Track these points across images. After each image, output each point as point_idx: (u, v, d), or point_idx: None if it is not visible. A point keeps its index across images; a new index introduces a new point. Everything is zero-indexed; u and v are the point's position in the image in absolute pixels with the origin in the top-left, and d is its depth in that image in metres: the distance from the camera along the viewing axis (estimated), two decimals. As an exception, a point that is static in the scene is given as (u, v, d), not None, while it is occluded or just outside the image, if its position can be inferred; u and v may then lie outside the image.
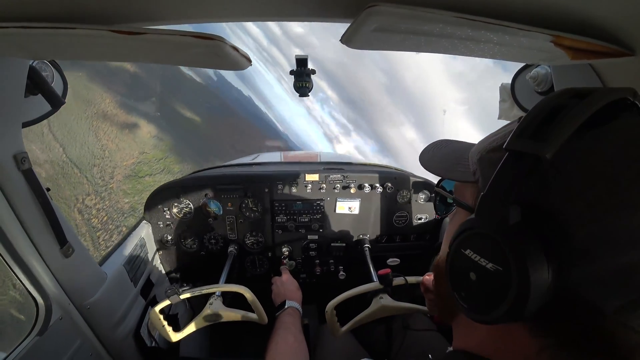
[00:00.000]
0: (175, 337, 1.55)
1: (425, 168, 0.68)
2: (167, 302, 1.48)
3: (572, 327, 0.42)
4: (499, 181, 0.45)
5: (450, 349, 0.63)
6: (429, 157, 0.71)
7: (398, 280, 1.49)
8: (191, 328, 1.54)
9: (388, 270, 1.49)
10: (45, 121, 1.23)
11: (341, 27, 0.73)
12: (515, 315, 0.42)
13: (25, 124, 1.17)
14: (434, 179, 2.21)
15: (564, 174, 0.41)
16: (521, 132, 0.44)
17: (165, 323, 1.53)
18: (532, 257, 0.40)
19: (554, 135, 0.41)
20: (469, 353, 0.54)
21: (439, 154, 0.70)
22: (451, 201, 0.70)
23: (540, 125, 0.43)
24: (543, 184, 0.42)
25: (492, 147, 0.53)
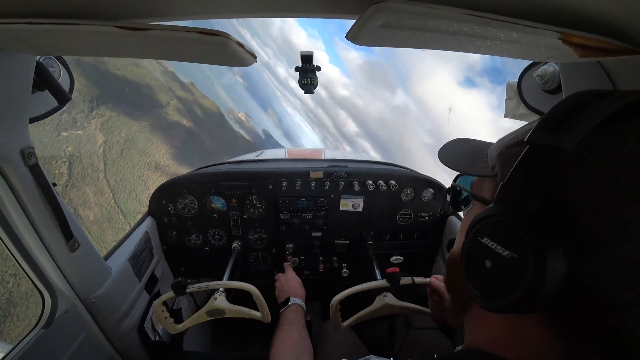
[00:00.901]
0: (176, 329, 1.56)
1: (444, 164, 0.70)
2: (171, 294, 1.49)
3: (584, 318, 0.43)
4: (519, 172, 0.46)
5: (459, 348, 0.63)
6: (448, 154, 0.73)
7: (405, 280, 1.49)
8: (193, 321, 1.55)
9: (396, 269, 1.49)
10: (101, 165, 1.25)
11: (348, 24, 0.73)
12: (529, 304, 0.43)
13: (32, 120, 1.17)
14: (438, 177, 2.21)
15: (583, 167, 0.42)
16: (543, 125, 0.45)
17: (167, 315, 1.55)
18: (549, 246, 0.41)
19: (574, 129, 0.42)
20: (479, 351, 0.55)
21: (458, 151, 0.72)
22: (465, 196, 0.73)
23: (562, 120, 0.44)
24: (562, 175, 0.43)
25: (512, 143, 0.55)
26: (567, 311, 0.44)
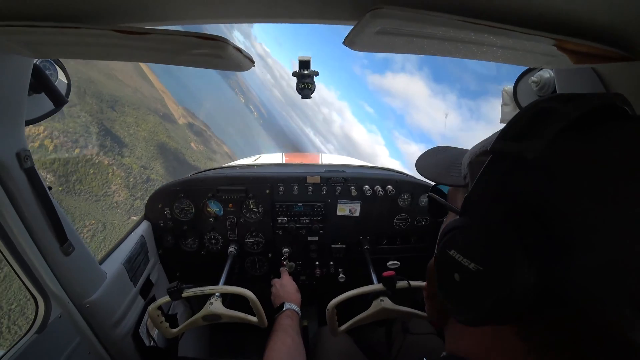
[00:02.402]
0: (172, 334, 1.55)
1: (420, 174, 0.69)
2: (167, 299, 1.48)
3: (559, 328, 0.42)
4: (482, 182, 0.46)
5: (444, 353, 0.63)
6: (425, 163, 0.72)
7: (401, 284, 1.48)
8: (189, 326, 1.53)
9: (392, 272, 1.49)
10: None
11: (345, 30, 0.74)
12: (499, 316, 0.42)
13: (29, 122, 1.17)
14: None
15: (546, 174, 0.41)
16: (504, 134, 0.45)
17: (163, 319, 1.53)
18: (514, 256, 0.40)
19: (537, 136, 0.41)
20: (459, 358, 0.55)
21: (434, 160, 0.71)
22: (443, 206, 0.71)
23: (524, 127, 0.44)
24: (525, 183, 0.43)
25: (480, 151, 0.54)
26: (541, 322, 0.43)
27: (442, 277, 0.50)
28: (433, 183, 0.78)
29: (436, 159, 0.71)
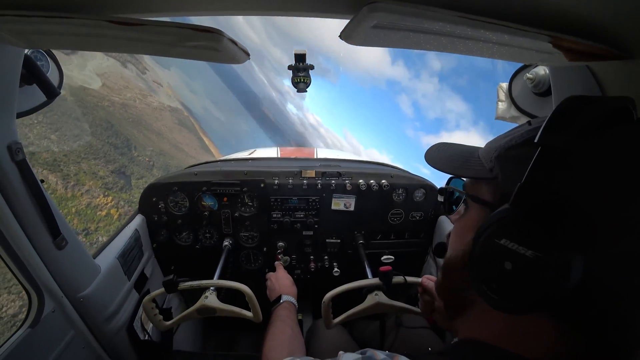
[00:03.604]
0: (166, 326, 1.55)
1: (435, 167, 0.70)
2: (161, 291, 1.48)
3: (592, 312, 0.45)
4: (535, 173, 0.47)
5: (456, 339, 0.63)
6: (437, 157, 0.73)
7: (397, 279, 1.50)
8: (183, 319, 1.53)
9: (389, 267, 1.50)
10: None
11: (341, 24, 0.74)
12: (550, 302, 0.44)
13: (20, 115, 1.15)
14: (430, 177, 2.23)
15: (591, 166, 0.45)
16: (549, 128, 0.47)
17: (157, 312, 1.53)
18: (570, 244, 0.42)
19: (580, 130, 0.45)
20: (481, 342, 0.55)
21: (446, 154, 0.72)
22: (456, 199, 0.74)
23: (569, 121, 0.46)
24: (574, 175, 0.45)
25: (511, 145, 0.56)
26: (576, 306, 0.45)
27: (487, 267, 0.50)
28: (439, 177, 0.78)
29: (447, 153, 0.72)
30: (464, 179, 0.68)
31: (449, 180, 0.77)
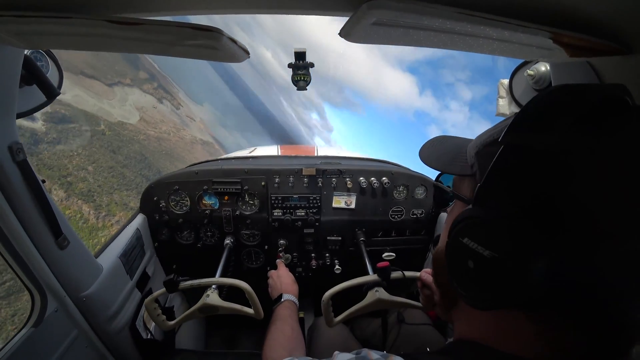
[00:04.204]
0: (169, 326, 1.56)
1: (425, 163, 0.70)
2: (163, 291, 1.48)
3: (567, 312, 0.44)
4: (495, 172, 0.47)
5: (450, 339, 0.64)
6: (428, 153, 0.73)
7: (396, 274, 1.50)
8: (186, 318, 1.54)
9: (386, 263, 1.50)
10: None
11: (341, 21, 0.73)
12: (511, 301, 0.44)
13: (20, 115, 1.15)
14: (431, 174, 2.22)
15: (565, 166, 0.42)
16: (515, 126, 0.46)
17: (159, 312, 1.54)
18: (527, 244, 0.42)
19: (547, 129, 0.43)
20: (471, 342, 0.56)
21: (438, 150, 0.72)
22: (450, 195, 0.72)
23: (534, 119, 0.45)
24: (540, 175, 0.44)
25: (489, 142, 0.55)
26: (550, 306, 0.45)
27: (454, 264, 0.52)
28: (437, 173, 0.79)
29: (440, 149, 0.72)
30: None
31: (438, 175, 0.77)
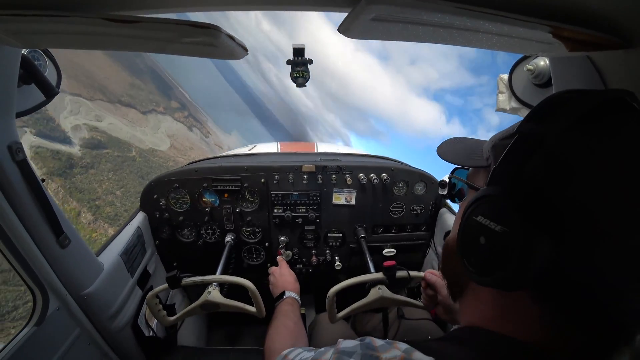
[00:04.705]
0: (170, 322, 1.56)
1: (444, 159, 0.76)
2: (165, 287, 1.49)
3: (571, 294, 0.46)
4: (508, 157, 0.51)
5: (456, 327, 0.65)
6: (446, 150, 0.79)
7: (401, 274, 1.51)
8: (187, 314, 1.54)
9: (393, 262, 1.51)
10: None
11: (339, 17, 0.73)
12: (519, 278, 0.46)
13: (19, 114, 1.15)
14: (431, 170, 2.22)
15: (562, 156, 0.46)
16: (528, 118, 0.52)
17: (160, 307, 1.54)
18: (535, 222, 0.44)
19: (555, 122, 0.48)
20: (475, 327, 0.57)
21: (455, 148, 0.78)
22: (459, 189, 0.81)
23: (547, 113, 0.50)
24: (545, 162, 0.47)
25: (504, 136, 0.60)
26: (554, 288, 0.47)
27: (467, 242, 0.55)
28: (440, 173, 0.83)
29: (456, 147, 0.77)
30: (469, 169, 0.74)
31: (453, 170, 0.81)
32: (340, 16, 0.72)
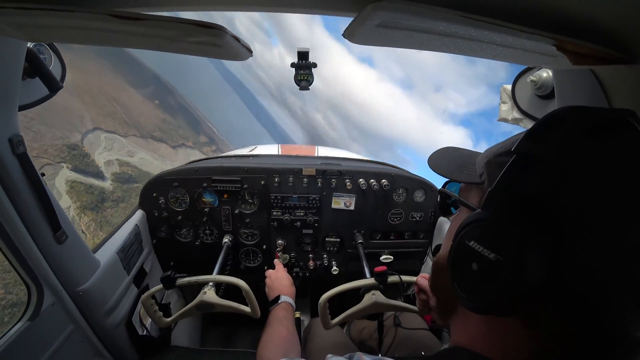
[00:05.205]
0: (165, 322, 1.55)
1: (434, 170, 0.72)
2: (160, 287, 1.48)
3: (561, 319, 0.45)
4: (505, 179, 0.49)
5: (446, 346, 0.64)
6: (437, 161, 0.75)
7: (393, 278, 1.50)
8: (182, 315, 1.53)
9: (384, 267, 1.50)
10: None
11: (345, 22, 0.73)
12: (511, 304, 0.45)
13: (22, 107, 1.15)
14: (431, 178, 2.22)
15: (564, 176, 0.44)
16: (528, 136, 0.49)
17: (156, 308, 1.53)
18: (532, 250, 0.43)
19: (556, 141, 0.45)
20: (463, 349, 0.57)
21: (447, 158, 0.74)
22: (453, 201, 0.76)
23: (546, 132, 0.48)
24: (545, 184, 0.45)
25: (499, 152, 0.57)
26: (544, 312, 0.46)
27: (458, 266, 0.53)
28: (440, 182, 0.80)
29: (448, 158, 0.74)
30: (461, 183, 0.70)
31: (446, 183, 0.79)
32: (346, 20, 0.72)
